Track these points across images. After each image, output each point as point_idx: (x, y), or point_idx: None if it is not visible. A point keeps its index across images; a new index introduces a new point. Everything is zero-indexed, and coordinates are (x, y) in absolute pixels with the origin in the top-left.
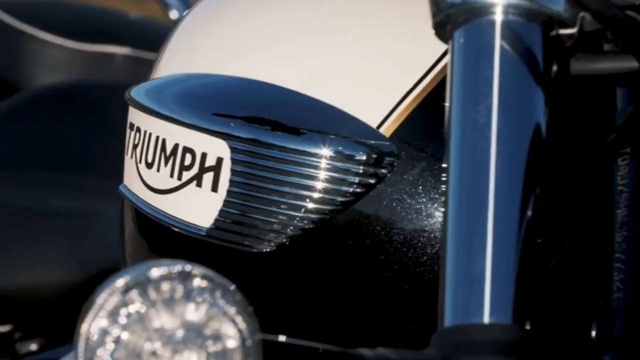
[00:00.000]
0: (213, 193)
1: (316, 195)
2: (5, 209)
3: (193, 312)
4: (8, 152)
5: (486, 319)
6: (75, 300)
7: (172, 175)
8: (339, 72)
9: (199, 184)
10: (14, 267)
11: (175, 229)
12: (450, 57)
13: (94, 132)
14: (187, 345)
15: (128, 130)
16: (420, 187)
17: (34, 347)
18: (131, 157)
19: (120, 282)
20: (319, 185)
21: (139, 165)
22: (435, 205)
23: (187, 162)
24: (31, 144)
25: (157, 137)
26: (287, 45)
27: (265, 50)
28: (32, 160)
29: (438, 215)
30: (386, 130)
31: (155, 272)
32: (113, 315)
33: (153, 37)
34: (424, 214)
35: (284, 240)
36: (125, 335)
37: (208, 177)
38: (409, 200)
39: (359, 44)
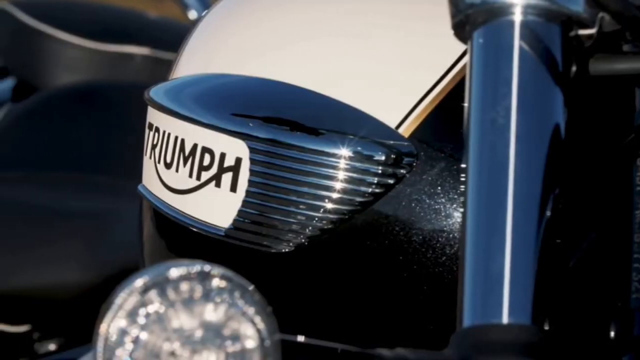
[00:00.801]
0: (232, 193)
1: (335, 195)
2: (23, 209)
3: (212, 312)
4: (26, 152)
5: (505, 319)
6: (93, 300)
7: (191, 176)
8: (358, 72)
9: (217, 184)
10: (32, 267)
11: (194, 229)
12: (469, 58)
13: (112, 132)
14: (206, 345)
15: (147, 131)
16: (439, 188)
17: (52, 347)
18: (150, 157)
19: (139, 282)
20: (338, 185)
21: (157, 165)
22: (454, 205)
23: (206, 162)
24: (49, 144)
25: (176, 137)
26: (306, 45)
27: (284, 51)
28: (50, 160)
29: (457, 215)
30: (405, 130)
31: (174, 272)
32: (132, 315)
33: (171, 37)
34: (442, 214)
35: (303, 240)
36: (144, 336)
37: (227, 177)
38: (427, 201)
39: (378, 44)
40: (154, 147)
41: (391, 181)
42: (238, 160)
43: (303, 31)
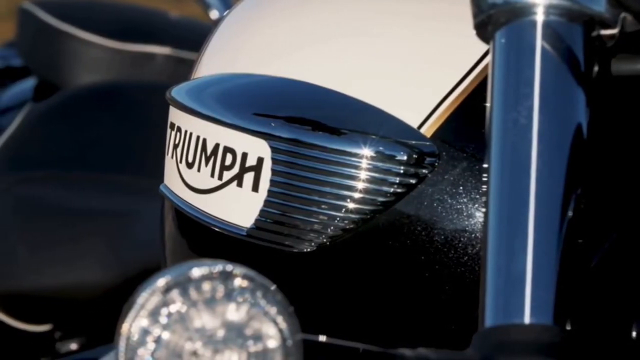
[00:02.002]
0: (254, 193)
1: (357, 195)
2: (45, 209)
3: (234, 312)
4: (48, 151)
5: (527, 319)
6: (115, 300)
7: (212, 175)
8: (380, 72)
9: (239, 184)
10: (54, 266)
11: (216, 229)
12: (491, 58)
13: (133, 132)
14: (228, 345)
15: (169, 130)
16: (461, 188)
17: (74, 346)
18: (172, 157)
19: (161, 281)
20: (360, 185)
21: (179, 165)
22: (476, 205)
23: (228, 162)
24: (71, 144)
25: (198, 137)
26: (328, 45)
27: (306, 50)
28: (72, 159)
29: (479, 215)
30: (427, 130)
31: (196, 271)
32: (154, 314)
33: (193, 36)
34: (464, 214)
35: (325, 240)
36: (166, 335)
37: (249, 177)
38: (449, 201)
39: (401, 43)
40: (175, 146)
41: (413, 181)
42: (260, 160)
43: (325, 31)
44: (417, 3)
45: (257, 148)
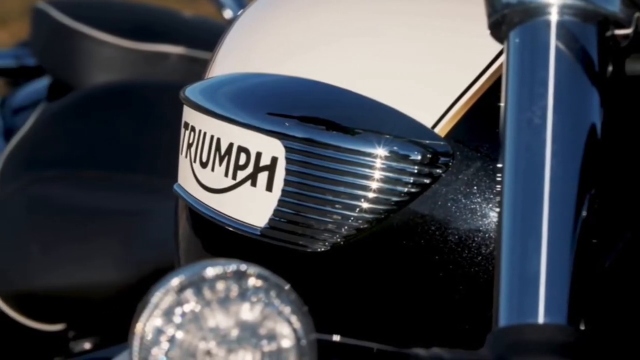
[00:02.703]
0: (267, 192)
1: (371, 195)
2: (59, 208)
3: (248, 312)
4: (62, 150)
5: (540, 319)
6: (128, 299)
7: (226, 175)
8: (394, 71)
9: (253, 184)
10: (67, 265)
11: (230, 229)
12: (505, 58)
13: (147, 131)
14: (242, 344)
15: (182, 130)
16: (475, 187)
17: (87, 345)
18: (186, 157)
19: (175, 281)
20: (374, 185)
21: (193, 164)
22: (490, 205)
23: (242, 161)
24: (84, 143)
25: (212, 137)
26: (342, 45)
27: (320, 50)
28: (85, 159)
29: (493, 215)
30: (441, 130)
31: (210, 271)
32: (168, 314)
33: (207, 36)
34: (478, 214)
35: (339, 239)
36: (179, 335)
37: (263, 177)
38: (463, 200)
39: (415, 43)
40: (189, 146)
41: (427, 181)
42: (274, 160)
43: (339, 30)
44: (431, 3)
45: (271, 148)
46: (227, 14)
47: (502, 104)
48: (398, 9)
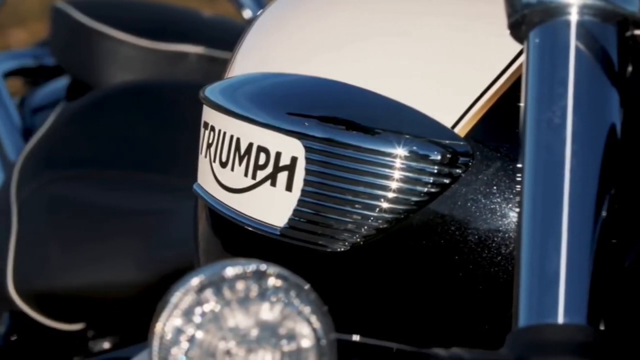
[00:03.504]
0: (287, 192)
1: (390, 195)
2: (78, 207)
3: (267, 312)
4: (81, 150)
5: (560, 319)
6: (147, 299)
7: (246, 175)
8: (414, 71)
9: (273, 183)
10: (87, 265)
11: (249, 228)
12: (525, 58)
13: (166, 131)
14: (262, 344)
15: (202, 129)
16: (495, 187)
17: (106, 345)
18: (205, 156)
19: (195, 281)
20: (394, 185)
21: (213, 164)
22: (510, 205)
23: (262, 161)
24: (104, 143)
25: (232, 136)
26: (361, 45)
27: (339, 50)
28: (105, 158)
29: (512, 215)
30: (461, 130)
31: (230, 271)
32: (187, 314)
33: (226, 36)
34: (498, 214)
35: (358, 239)
36: (199, 334)
37: (282, 177)
38: (483, 200)
39: (434, 43)
40: (209, 146)
41: (447, 181)
42: (294, 160)
43: (358, 30)
44: (450, 3)
45: (290, 147)
46: (247, 13)
47: (522, 104)
48: (417, 8)
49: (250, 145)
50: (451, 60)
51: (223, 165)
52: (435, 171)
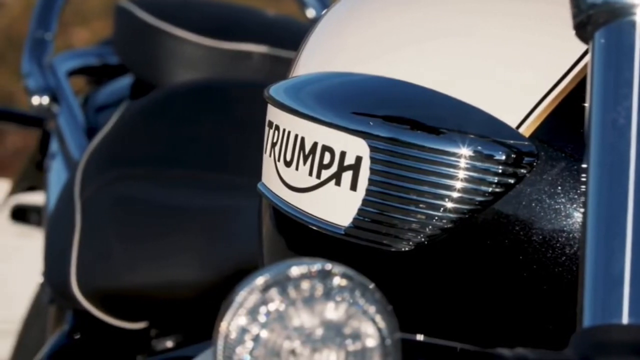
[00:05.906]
0: (352, 192)
1: (455, 194)
2: (142, 206)
3: (332, 311)
4: (145, 149)
5: (625, 319)
6: (211, 297)
7: (310, 174)
8: (479, 71)
9: (337, 183)
10: (150, 264)
11: (314, 228)
12: (590, 58)
13: (230, 130)
14: (326, 344)
15: (267, 129)
16: (560, 188)
17: (169, 344)
18: (270, 156)
19: (260, 280)
20: (458, 184)
21: (277, 163)
22: (575, 205)
23: (326, 160)
24: (168, 141)
25: (296, 136)
26: (426, 44)
27: (404, 49)
28: (169, 157)
29: (577, 215)
30: (526, 130)
31: (295, 270)
32: (252, 313)
33: (290, 35)
34: (563, 214)
35: (423, 239)
36: (264, 334)
37: (347, 176)
38: (548, 201)
39: (499, 43)
40: (273, 145)
41: (512, 181)
42: (358, 159)
43: (423, 30)
44: (515, 3)
45: (355, 147)
46: (310, 13)
47: (587, 104)
48: (482, 8)
49: (315, 144)
50: (516, 61)
51: (287, 164)
52: (500, 171)
